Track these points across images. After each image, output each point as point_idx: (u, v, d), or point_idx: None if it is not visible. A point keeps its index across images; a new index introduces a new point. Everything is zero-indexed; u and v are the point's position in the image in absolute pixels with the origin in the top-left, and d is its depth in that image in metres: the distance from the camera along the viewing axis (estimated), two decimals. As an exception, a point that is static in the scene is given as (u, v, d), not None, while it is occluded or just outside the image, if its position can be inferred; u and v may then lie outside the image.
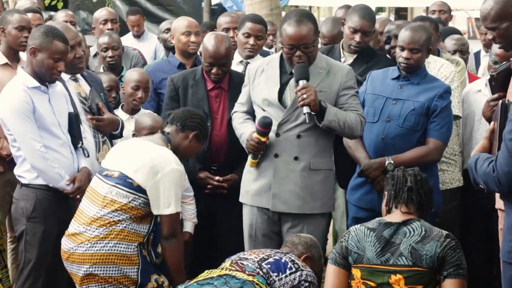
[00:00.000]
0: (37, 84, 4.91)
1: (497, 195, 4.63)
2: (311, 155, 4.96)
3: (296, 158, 4.96)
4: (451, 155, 5.75)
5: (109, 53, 6.62)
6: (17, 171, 5.03)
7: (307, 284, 4.31)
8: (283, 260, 4.34)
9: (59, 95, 5.07)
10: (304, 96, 4.76)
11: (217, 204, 5.52)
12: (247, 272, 4.25)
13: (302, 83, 4.81)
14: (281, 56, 5.05)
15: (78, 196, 4.97)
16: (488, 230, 5.53)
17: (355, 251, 4.06)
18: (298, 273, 4.32)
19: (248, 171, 5.12)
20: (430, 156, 5.14)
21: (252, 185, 5.08)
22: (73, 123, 5.09)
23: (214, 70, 5.50)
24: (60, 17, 7.34)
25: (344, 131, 4.92)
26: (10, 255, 5.99)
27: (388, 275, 3.97)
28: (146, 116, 5.60)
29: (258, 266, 4.29)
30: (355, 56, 5.86)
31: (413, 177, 4.18)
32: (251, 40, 6.09)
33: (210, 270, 4.36)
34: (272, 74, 5.03)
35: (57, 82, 5.07)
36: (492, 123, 4.17)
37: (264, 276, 4.25)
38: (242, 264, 4.33)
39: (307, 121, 4.82)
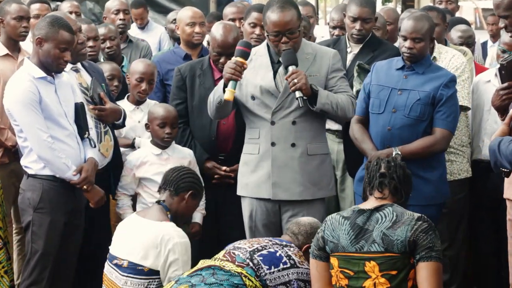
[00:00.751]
0: (43, 74, 4.90)
1: (506, 185, 4.62)
2: (307, 140, 5.00)
3: (293, 145, 4.98)
4: (460, 145, 5.72)
5: (107, 43, 6.59)
6: (23, 161, 5.01)
7: (302, 284, 4.23)
8: (277, 254, 4.27)
9: (66, 85, 5.06)
10: (295, 81, 4.79)
11: (223, 194, 5.51)
12: (236, 263, 4.21)
13: (291, 68, 4.84)
14: (268, 45, 5.06)
15: (84, 187, 4.97)
16: (497, 220, 5.51)
17: (331, 240, 4.05)
18: (292, 270, 4.24)
19: (245, 163, 5.12)
20: (437, 145, 5.11)
21: (250, 177, 5.08)
22: (80, 113, 5.07)
23: (222, 60, 5.49)
24: (65, 8, 7.28)
25: (337, 113, 4.95)
26: (16, 246, 5.99)
27: (363, 262, 3.96)
28: (158, 106, 5.58)
29: (249, 257, 4.23)
30: (361, 45, 5.85)
31: (386, 163, 4.15)
32: (257, 30, 6.05)
33: (204, 260, 4.34)
34: (262, 62, 5.05)
35: (63, 73, 5.06)
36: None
37: (254, 268, 4.19)
38: (234, 254, 4.28)
39: (300, 105, 4.83)
